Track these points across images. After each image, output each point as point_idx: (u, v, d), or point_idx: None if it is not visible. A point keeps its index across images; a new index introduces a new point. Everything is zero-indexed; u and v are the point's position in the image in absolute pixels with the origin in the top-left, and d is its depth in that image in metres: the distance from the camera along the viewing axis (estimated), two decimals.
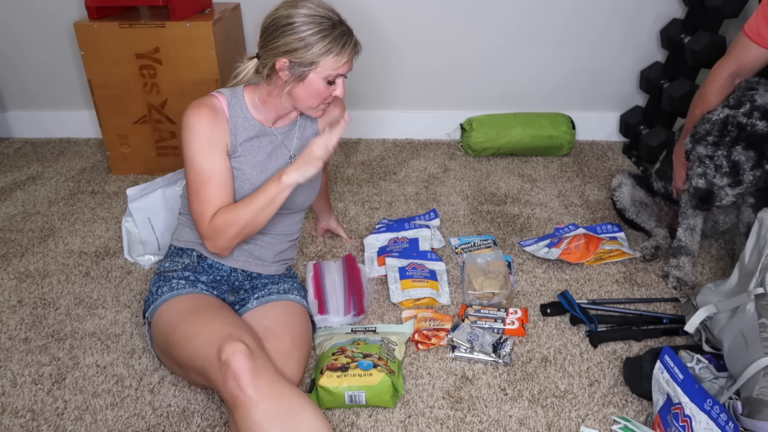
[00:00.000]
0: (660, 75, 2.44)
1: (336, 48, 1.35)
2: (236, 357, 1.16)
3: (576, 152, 2.67)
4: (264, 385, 1.15)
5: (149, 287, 1.48)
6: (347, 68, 1.40)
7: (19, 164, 2.64)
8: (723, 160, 1.55)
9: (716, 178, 1.58)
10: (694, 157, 1.63)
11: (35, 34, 2.67)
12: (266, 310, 1.47)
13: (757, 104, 1.55)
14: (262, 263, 1.56)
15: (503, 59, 2.64)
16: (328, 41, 1.34)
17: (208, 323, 1.30)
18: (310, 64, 1.35)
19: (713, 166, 1.57)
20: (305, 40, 1.33)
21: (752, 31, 1.65)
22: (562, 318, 1.69)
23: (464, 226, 2.14)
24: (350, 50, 1.38)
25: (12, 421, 1.39)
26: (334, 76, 1.39)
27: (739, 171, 1.55)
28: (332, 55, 1.35)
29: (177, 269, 1.49)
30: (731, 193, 1.59)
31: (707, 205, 1.62)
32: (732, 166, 1.55)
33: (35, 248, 2.04)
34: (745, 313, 1.32)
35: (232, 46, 2.49)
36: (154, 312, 1.40)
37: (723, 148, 1.55)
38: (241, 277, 1.54)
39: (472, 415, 1.39)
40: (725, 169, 1.56)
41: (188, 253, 1.52)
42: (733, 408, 1.23)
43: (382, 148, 2.74)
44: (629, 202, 2.01)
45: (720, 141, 1.55)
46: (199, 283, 1.47)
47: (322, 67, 1.36)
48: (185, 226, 1.55)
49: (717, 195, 1.60)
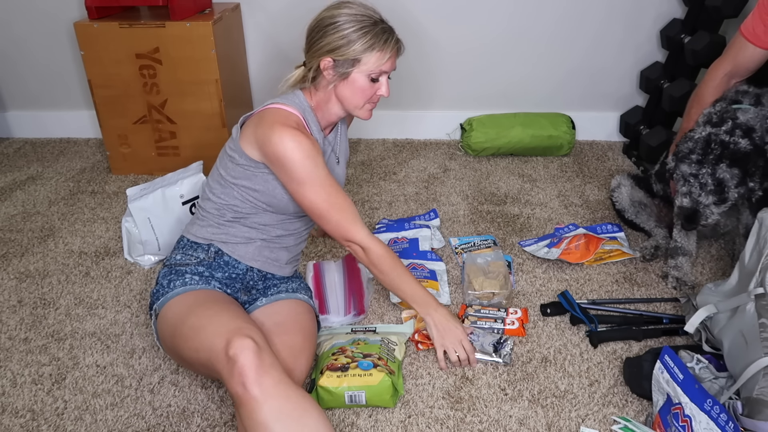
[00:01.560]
0: (660, 75, 2.44)
1: (378, 44, 1.38)
2: (244, 353, 1.15)
3: (576, 152, 2.67)
4: (270, 384, 1.14)
5: (158, 279, 1.47)
6: (390, 65, 1.43)
7: (19, 164, 2.64)
8: (708, 178, 1.55)
9: (701, 196, 1.57)
10: (678, 176, 1.62)
11: (35, 34, 2.67)
12: (277, 308, 1.48)
13: (738, 122, 1.55)
14: (278, 264, 1.57)
15: (503, 59, 2.64)
16: (370, 37, 1.37)
17: (217, 315, 1.29)
18: (353, 62, 1.39)
19: (698, 185, 1.57)
20: (347, 37, 1.37)
21: (748, 31, 1.66)
22: (562, 318, 1.69)
23: (464, 226, 2.14)
24: (392, 47, 1.41)
25: (12, 421, 1.39)
26: (378, 74, 1.41)
27: (724, 189, 1.55)
28: (375, 52, 1.38)
29: (191, 263, 1.48)
30: (716, 212, 1.59)
31: (693, 224, 1.62)
32: (717, 184, 1.55)
33: (35, 248, 2.04)
34: (745, 313, 1.32)
35: (232, 46, 2.49)
36: (164, 304, 1.39)
37: (707, 166, 1.54)
38: (256, 277, 1.54)
39: (472, 415, 1.39)
40: (710, 187, 1.55)
41: (204, 248, 1.50)
42: (733, 408, 1.23)
43: (382, 148, 2.74)
44: (628, 203, 2.01)
45: (704, 159, 1.55)
46: (213, 279, 1.47)
47: (366, 64, 1.39)
48: (204, 222, 1.52)
49: (702, 214, 1.59)
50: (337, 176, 1.60)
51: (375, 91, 1.45)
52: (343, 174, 1.65)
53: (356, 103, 1.45)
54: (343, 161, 1.65)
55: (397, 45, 1.43)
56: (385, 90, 1.46)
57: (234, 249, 1.50)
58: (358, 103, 1.45)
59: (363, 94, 1.44)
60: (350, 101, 1.45)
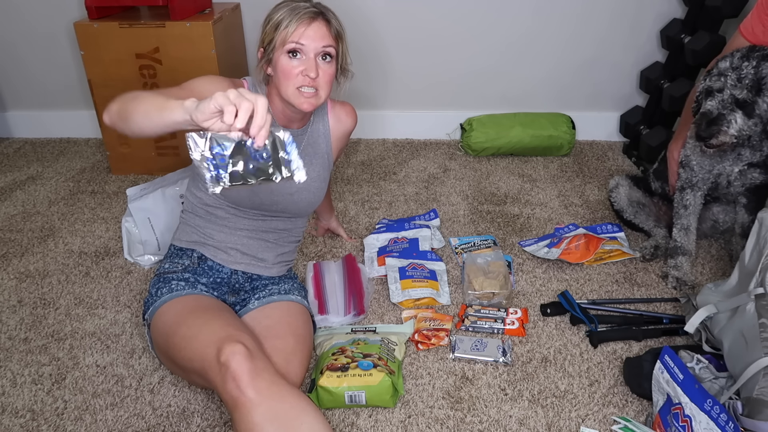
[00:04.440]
0: (660, 75, 2.44)
1: (287, 17, 1.33)
2: (235, 358, 1.15)
3: (576, 152, 2.67)
4: (264, 386, 1.14)
5: (149, 289, 1.48)
6: (307, 38, 1.33)
7: (19, 164, 2.64)
8: (750, 70, 1.49)
9: (736, 88, 1.51)
10: (713, 74, 1.56)
11: (35, 33, 2.67)
12: (268, 311, 1.47)
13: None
14: (264, 265, 1.55)
15: (503, 59, 2.64)
16: (280, 13, 1.34)
17: (207, 324, 1.29)
18: (270, 44, 1.35)
19: (736, 77, 1.51)
20: (266, 21, 1.36)
21: (747, 30, 1.66)
22: (562, 318, 1.69)
23: (464, 226, 2.14)
24: (301, 16, 1.32)
25: (12, 421, 1.39)
26: (293, 46, 1.33)
27: (761, 88, 1.50)
28: (285, 25, 1.33)
29: (177, 270, 1.48)
30: (739, 122, 1.52)
31: (714, 127, 1.53)
32: (756, 81, 1.50)
33: (35, 248, 2.04)
34: (745, 313, 1.32)
35: (232, 46, 2.49)
36: (154, 313, 1.40)
37: (752, 60, 1.50)
38: (242, 279, 1.53)
39: (472, 415, 1.39)
40: (748, 81, 1.50)
41: (188, 254, 1.51)
42: (733, 408, 1.23)
43: (382, 148, 2.74)
44: (626, 203, 2.01)
45: (750, 55, 1.51)
46: (199, 284, 1.47)
47: (280, 42, 1.33)
48: (187, 224, 1.54)
49: (726, 118, 1.52)
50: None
51: (300, 71, 1.34)
52: (314, 175, 1.53)
53: (285, 89, 1.36)
54: (311, 161, 1.53)
55: (311, 16, 1.33)
56: (309, 67, 1.33)
57: (215, 254, 1.50)
58: (287, 88, 1.35)
59: (287, 76, 1.34)
60: (282, 88, 1.37)
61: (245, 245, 1.52)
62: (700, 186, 1.75)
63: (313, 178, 1.53)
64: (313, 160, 1.54)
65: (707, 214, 1.91)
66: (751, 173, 1.68)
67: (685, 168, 1.76)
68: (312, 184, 1.53)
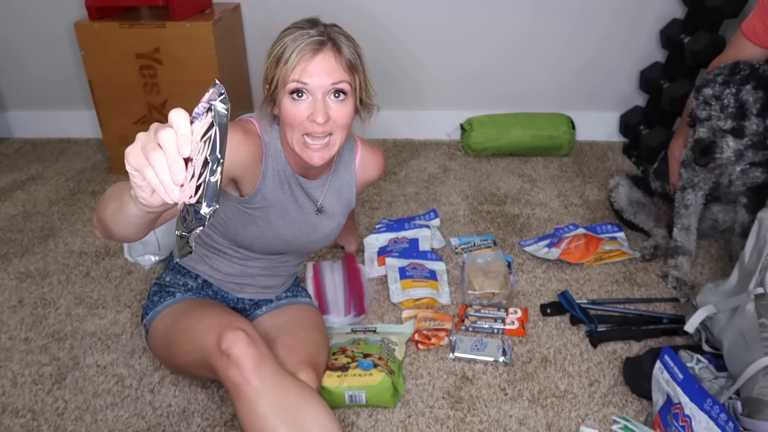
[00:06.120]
0: (660, 75, 2.44)
1: (288, 49, 1.10)
2: (238, 345, 1.12)
3: (576, 152, 2.68)
4: (268, 375, 1.12)
5: (149, 295, 1.45)
6: (303, 72, 1.10)
7: (19, 164, 2.64)
8: (731, 99, 1.52)
9: (720, 119, 1.54)
10: (699, 101, 1.59)
11: (35, 33, 2.67)
12: (285, 311, 1.45)
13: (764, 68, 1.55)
14: (273, 290, 1.50)
15: (503, 59, 2.64)
16: (281, 44, 1.12)
17: (206, 314, 1.27)
18: (273, 81, 1.15)
19: (719, 107, 1.54)
20: (270, 55, 1.15)
21: (749, 30, 1.66)
22: (562, 318, 1.69)
23: (464, 226, 2.14)
24: (302, 48, 1.09)
25: (12, 421, 1.39)
26: (294, 89, 1.11)
27: (745, 113, 1.52)
28: (283, 61, 1.10)
29: (178, 284, 1.43)
30: (732, 146, 1.56)
31: (708, 155, 1.58)
32: (739, 107, 1.52)
33: (35, 248, 2.04)
34: (745, 313, 1.32)
35: (233, 46, 2.49)
36: (154, 318, 1.37)
37: (732, 86, 1.52)
38: (248, 305, 1.49)
39: (472, 415, 1.39)
40: (731, 110, 1.53)
41: (192, 276, 1.45)
42: (733, 408, 1.23)
43: (382, 148, 2.73)
44: (626, 203, 2.01)
45: (730, 80, 1.53)
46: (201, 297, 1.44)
47: (282, 81, 1.12)
48: (194, 251, 1.44)
49: (718, 146, 1.56)
50: (307, 223, 1.36)
51: (305, 117, 1.12)
52: (324, 223, 1.39)
53: (290, 137, 1.16)
54: (333, 210, 1.40)
55: (314, 46, 1.10)
56: (321, 112, 1.10)
57: (222, 284, 1.45)
58: (292, 136, 1.15)
59: (290, 123, 1.14)
60: (288, 137, 1.17)
61: (256, 280, 1.46)
62: (701, 185, 1.75)
63: (332, 228, 1.42)
64: (336, 209, 1.40)
65: (707, 213, 1.91)
66: (753, 172, 1.68)
67: (687, 167, 1.76)
68: (331, 234, 1.43)
